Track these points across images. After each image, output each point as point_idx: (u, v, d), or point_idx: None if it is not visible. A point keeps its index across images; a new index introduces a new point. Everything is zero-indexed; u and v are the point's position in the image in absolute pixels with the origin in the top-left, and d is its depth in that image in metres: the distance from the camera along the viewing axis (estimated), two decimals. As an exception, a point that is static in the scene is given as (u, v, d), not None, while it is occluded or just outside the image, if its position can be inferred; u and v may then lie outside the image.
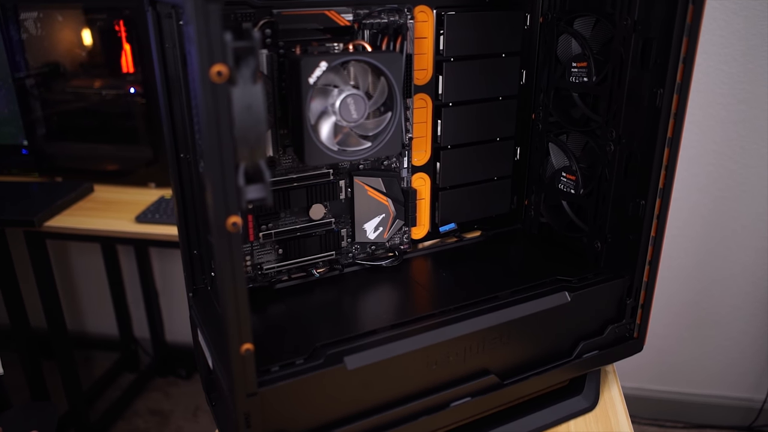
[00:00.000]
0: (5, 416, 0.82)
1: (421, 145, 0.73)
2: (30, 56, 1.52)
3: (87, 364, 2.01)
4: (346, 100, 0.56)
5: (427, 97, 0.71)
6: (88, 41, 1.50)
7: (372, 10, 0.63)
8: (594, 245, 0.73)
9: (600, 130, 0.69)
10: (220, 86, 0.40)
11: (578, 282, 0.69)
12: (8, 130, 1.57)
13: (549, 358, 0.67)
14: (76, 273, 2.02)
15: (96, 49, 1.51)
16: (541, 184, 0.80)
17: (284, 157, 0.64)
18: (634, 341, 0.72)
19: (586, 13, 0.69)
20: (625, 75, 0.64)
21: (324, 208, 0.69)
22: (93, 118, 1.57)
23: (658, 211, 0.65)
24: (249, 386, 0.50)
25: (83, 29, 1.50)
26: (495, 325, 0.62)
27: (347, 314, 0.66)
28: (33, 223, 1.29)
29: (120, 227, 1.30)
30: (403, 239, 0.76)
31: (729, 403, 1.71)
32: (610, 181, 0.69)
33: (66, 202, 1.40)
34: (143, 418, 1.80)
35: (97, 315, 2.06)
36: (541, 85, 0.77)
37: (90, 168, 1.59)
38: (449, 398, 0.61)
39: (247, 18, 0.58)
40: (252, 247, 0.67)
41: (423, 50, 0.69)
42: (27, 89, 1.54)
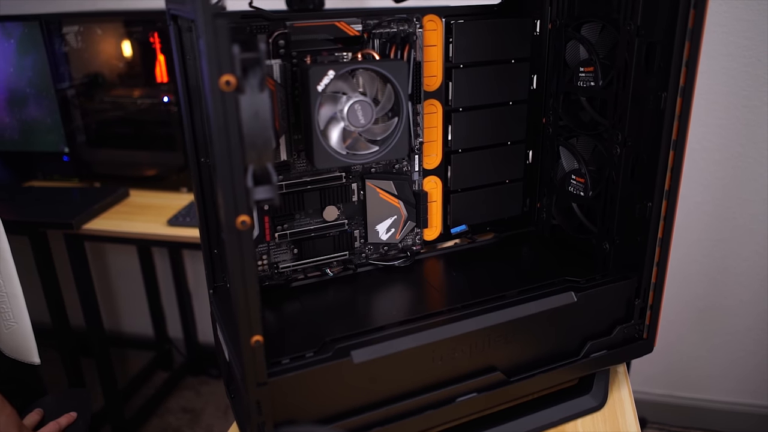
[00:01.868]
0: (43, 401, 0.87)
1: (433, 149, 0.76)
2: (71, 68, 1.60)
3: (123, 362, 2.08)
4: (354, 106, 0.58)
5: (437, 103, 0.73)
6: (127, 53, 1.57)
7: (381, 20, 0.66)
8: (602, 247, 0.74)
9: (607, 133, 0.70)
10: (229, 94, 0.44)
11: (585, 283, 0.70)
12: (51, 138, 1.66)
13: (556, 356, 0.69)
14: (113, 274, 2.10)
15: (133, 60, 1.58)
16: (553, 186, 0.82)
17: (298, 161, 0.68)
18: (643, 342, 0.73)
19: (592, 19, 0.71)
20: (630, 79, 0.66)
21: (337, 210, 0.72)
22: (129, 126, 1.64)
23: (664, 212, 0.66)
24: (259, 376, 0.53)
25: (122, 41, 1.57)
26: (501, 323, 0.64)
27: (358, 311, 0.68)
28: (71, 225, 1.36)
29: (153, 230, 1.36)
30: (416, 240, 0.78)
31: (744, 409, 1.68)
32: (617, 183, 0.70)
33: (103, 206, 1.47)
34: (175, 415, 1.86)
35: (132, 315, 2.14)
36: (551, 90, 0.78)
37: (126, 174, 1.66)
38: (455, 393, 0.63)
39: (261, 30, 0.62)
40: (268, 246, 0.70)
41: (432, 57, 0.71)
42: (68, 99, 1.62)
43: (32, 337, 0.92)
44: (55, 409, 0.85)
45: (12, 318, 0.91)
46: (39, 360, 0.92)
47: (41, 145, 1.67)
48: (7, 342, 0.91)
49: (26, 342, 0.92)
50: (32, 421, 0.80)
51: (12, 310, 0.91)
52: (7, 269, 0.89)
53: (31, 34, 1.56)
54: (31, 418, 0.81)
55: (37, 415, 0.82)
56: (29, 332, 0.91)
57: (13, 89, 1.63)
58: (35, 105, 1.63)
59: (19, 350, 0.92)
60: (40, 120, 1.65)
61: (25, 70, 1.60)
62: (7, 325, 0.91)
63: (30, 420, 0.80)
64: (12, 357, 0.91)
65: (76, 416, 0.83)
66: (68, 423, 0.81)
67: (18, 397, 0.91)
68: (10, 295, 0.90)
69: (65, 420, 0.81)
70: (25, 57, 1.59)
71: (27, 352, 0.92)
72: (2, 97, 1.65)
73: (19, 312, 0.91)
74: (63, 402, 0.88)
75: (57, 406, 0.86)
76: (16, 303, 0.91)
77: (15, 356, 0.91)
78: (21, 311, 0.91)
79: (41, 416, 0.82)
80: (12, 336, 0.91)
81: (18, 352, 0.92)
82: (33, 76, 1.60)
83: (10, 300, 0.91)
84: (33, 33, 1.56)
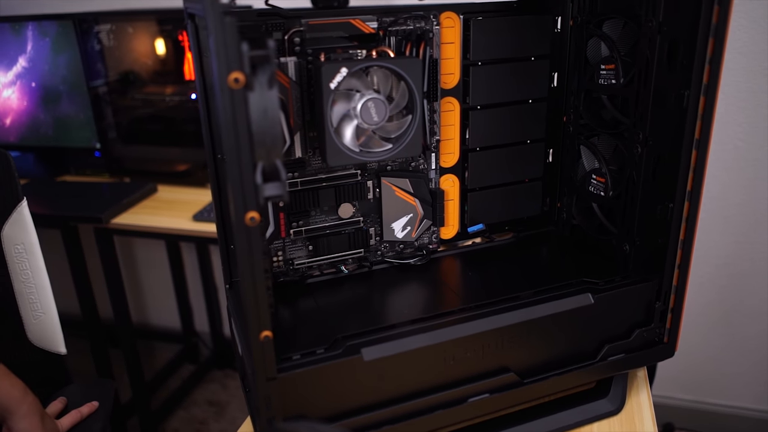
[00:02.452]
0: (67, 390, 0.90)
1: (450, 147, 0.75)
2: (103, 66, 1.64)
3: (150, 354, 2.13)
4: (367, 103, 0.58)
5: (454, 101, 0.73)
6: (157, 51, 1.60)
7: (397, 18, 0.65)
8: (623, 248, 0.72)
9: (628, 132, 0.69)
10: (237, 92, 0.44)
11: (604, 284, 0.69)
12: (83, 134, 1.70)
13: (572, 359, 0.68)
14: (142, 268, 2.14)
15: (162, 58, 1.61)
16: (573, 186, 0.80)
17: (314, 158, 0.68)
18: (663, 346, 0.71)
19: (614, 15, 0.69)
20: (651, 77, 0.64)
21: (352, 207, 0.72)
22: (158, 123, 1.67)
23: (686, 213, 0.65)
24: (269, 371, 0.53)
25: (152, 40, 1.60)
26: (515, 324, 0.63)
27: (371, 309, 0.68)
28: (101, 219, 1.39)
29: (178, 225, 1.39)
30: (432, 239, 0.78)
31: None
32: (638, 183, 0.69)
33: (131, 201, 1.50)
34: (201, 407, 1.89)
35: (161, 308, 2.18)
36: (571, 88, 0.77)
37: (155, 169, 1.69)
38: (467, 394, 0.63)
39: (277, 28, 0.62)
40: (284, 243, 0.71)
41: (450, 55, 0.71)
42: (100, 96, 1.66)
43: (59, 327, 0.94)
44: (79, 398, 0.88)
45: (40, 309, 0.94)
46: (65, 350, 0.95)
47: (74, 140, 1.71)
48: (35, 332, 0.93)
49: (53, 332, 0.95)
50: (55, 410, 0.82)
51: (40, 301, 0.93)
52: (35, 262, 0.92)
53: (65, 33, 1.60)
54: (54, 407, 0.83)
55: (60, 403, 0.84)
56: (56, 323, 0.94)
57: (47, 86, 1.68)
58: (68, 102, 1.68)
59: (47, 340, 0.94)
60: (73, 116, 1.69)
61: (59, 68, 1.65)
62: (35, 315, 0.94)
63: (53, 408, 0.83)
64: (39, 346, 0.93)
65: (98, 405, 0.85)
66: (90, 412, 0.83)
67: (44, 386, 0.94)
68: (38, 286, 0.93)
69: (87, 409, 0.83)
70: (59, 55, 1.63)
71: (54, 341, 0.95)
72: (38, 95, 1.70)
73: (47, 303, 0.94)
74: (87, 391, 0.90)
75: (81, 396, 0.88)
76: (44, 294, 0.93)
77: (42, 346, 0.94)
78: (48, 302, 0.94)
79: (64, 405, 0.85)
80: (40, 326, 0.94)
81: (45, 341, 0.94)
82: (67, 73, 1.64)
83: (38, 291, 0.93)
84: (67, 32, 1.60)
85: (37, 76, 1.68)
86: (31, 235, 0.92)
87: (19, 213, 0.92)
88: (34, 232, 0.92)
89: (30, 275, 0.92)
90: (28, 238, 0.92)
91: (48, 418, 0.77)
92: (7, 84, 1.71)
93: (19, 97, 1.72)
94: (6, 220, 0.91)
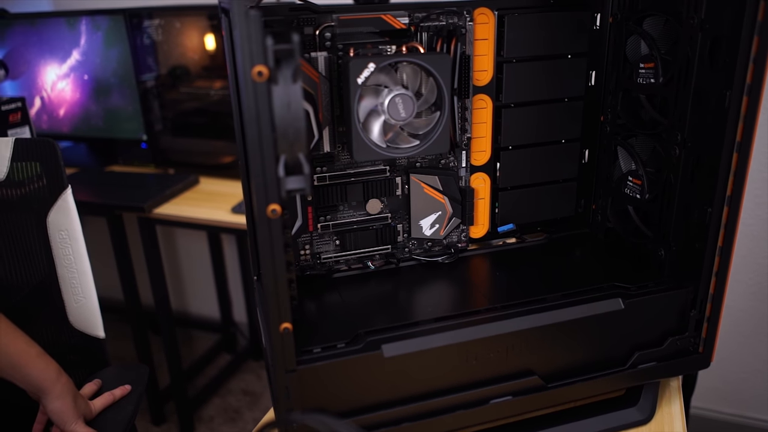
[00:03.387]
0: (103, 373, 0.93)
1: (481, 145, 0.74)
2: (151, 60, 1.68)
3: (189, 342, 2.18)
4: (395, 99, 0.58)
5: (487, 98, 0.72)
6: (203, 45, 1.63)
7: (430, 13, 0.65)
8: (658, 253, 0.70)
9: (666, 133, 0.67)
10: (260, 85, 0.45)
11: (636, 289, 0.67)
12: (131, 126, 1.75)
13: (600, 365, 0.66)
14: (184, 258, 2.20)
15: (208, 52, 1.64)
16: (609, 187, 0.78)
17: (342, 153, 0.68)
18: (698, 356, 0.69)
19: (655, 12, 0.67)
20: (692, 76, 0.62)
21: (380, 203, 0.72)
22: (203, 116, 1.71)
23: (725, 219, 0.62)
24: (288, 363, 0.54)
25: (200, 34, 1.63)
26: (540, 326, 0.62)
27: (396, 305, 0.68)
28: (143, 209, 1.44)
29: (217, 216, 1.41)
30: (461, 237, 0.77)
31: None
32: (675, 186, 0.66)
33: (174, 191, 1.54)
34: (236, 396, 1.92)
35: (201, 298, 2.23)
36: (609, 87, 0.75)
37: (199, 161, 1.73)
38: (489, 395, 0.62)
39: (309, 22, 0.62)
40: (311, 237, 0.71)
41: (483, 52, 0.70)
42: (148, 89, 1.71)
43: (98, 312, 0.97)
44: (114, 380, 0.90)
45: (81, 293, 0.97)
46: (104, 334, 0.98)
47: (122, 132, 1.77)
48: (76, 315, 0.97)
49: (93, 316, 0.98)
50: (89, 391, 0.85)
51: (81, 286, 0.97)
52: (78, 248, 0.95)
53: (117, 28, 1.65)
54: (89, 388, 0.86)
55: (94, 385, 0.87)
56: (96, 307, 0.97)
57: (99, 79, 1.74)
58: (118, 94, 1.73)
59: (87, 324, 0.98)
60: (122, 108, 1.74)
61: (110, 61, 1.70)
62: (76, 299, 0.97)
63: (87, 389, 0.85)
64: (79, 330, 0.97)
65: (130, 389, 0.87)
66: (122, 395, 0.86)
67: (82, 368, 0.97)
68: (80, 272, 0.96)
69: (120, 392, 0.86)
70: (110, 49, 1.69)
71: (93, 325, 0.98)
72: (89, 87, 1.76)
73: (88, 288, 0.97)
74: (122, 374, 0.93)
75: (116, 378, 0.91)
76: (86, 280, 0.97)
77: (82, 329, 0.97)
78: (89, 287, 0.97)
79: (99, 386, 0.87)
80: (80, 310, 0.97)
81: (85, 325, 0.98)
82: (117, 67, 1.70)
83: (80, 277, 0.96)
84: (118, 26, 1.65)
85: (89, 69, 1.74)
86: (75, 222, 0.95)
87: (64, 200, 0.95)
88: (77, 219, 0.95)
89: (72, 261, 0.96)
90: (72, 224, 0.95)
91: (81, 399, 0.80)
92: (62, 76, 1.78)
93: (72, 89, 1.79)
94: (51, 206, 0.94)
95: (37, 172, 0.95)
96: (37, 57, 1.79)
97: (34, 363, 0.75)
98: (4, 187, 0.94)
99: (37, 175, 0.95)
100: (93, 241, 1.00)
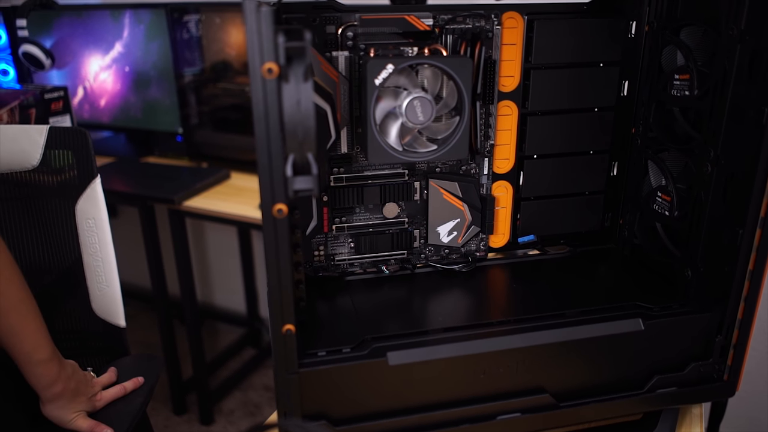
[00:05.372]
0: (120, 362, 0.94)
1: (505, 152, 0.72)
2: (190, 54, 1.71)
3: (215, 335, 2.20)
4: (413, 102, 0.57)
5: (513, 105, 0.70)
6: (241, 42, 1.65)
7: (456, 15, 0.63)
8: (684, 273, 0.67)
9: (698, 149, 0.64)
10: (270, 82, 0.44)
11: (659, 310, 0.64)
12: (168, 118, 1.78)
13: (616, 386, 0.63)
14: (213, 251, 2.22)
15: (245, 49, 1.66)
16: (637, 202, 0.75)
17: (361, 155, 0.67)
18: (723, 384, 0.65)
19: (694, 22, 0.64)
20: (729, 89, 0.59)
21: (398, 208, 0.71)
22: (238, 112, 1.72)
23: (758, 242, 0.59)
24: (290, 364, 0.53)
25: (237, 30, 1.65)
26: (554, 343, 0.60)
27: (407, 313, 0.67)
28: (173, 201, 1.46)
29: (244, 212, 1.42)
30: (480, 246, 0.75)
31: None
32: (705, 204, 0.63)
33: (204, 185, 1.56)
34: (257, 392, 1.93)
35: (228, 292, 2.25)
36: (642, 98, 0.72)
37: (232, 156, 1.75)
38: (496, 411, 0.60)
39: (331, 21, 0.62)
40: (326, 237, 0.70)
41: (511, 57, 0.68)
42: (186, 83, 1.73)
43: (120, 301, 0.99)
44: (129, 370, 0.91)
45: (104, 281, 0.98)
46: (125, 323, 0.99)
47: (159, 124, 1.80)
48: (99, 303, 0.98)
49: (115, 305, 0.99)
50: (107, 380, 0.86)
51: (105, 274, 0.98)
52: (104, 237, 0.97)
53: (158, 21, 1.68)
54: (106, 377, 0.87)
55: (113, 375, 0.88)
56: (118, 296, 0.99)
57: (139, 71, 1.77)
58: (157, 87, 1.76)
59: (108, 312, 0.99)
60: (160, 101, 1.77)
61: (150, 54, 1.73)
62: (99, 287, 0.99)
63: (104, 379, 0.86)
64: (101, 317, 0.98)
65: (143, 381, 0.88)
66: (134, 387, 0.86)
67: (102, 354, 0.99)
68: (104, 260, 0.98)
69: (131, 384, 0.86)
70: (151, 42, 1.72)
71: (115, 314, 1.00)
72: (130, 79, 1.79)
73: (111, 276, 0.99)
74: (136, 365, 0.94)
75: (129, 368, 0.92)
76: (109, 269, 0.98)
77: (104, 317, 0.99)
78: (113, 276, 0.99)
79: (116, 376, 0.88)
80: (103, 298, 0.98)
81: (107, 313, 0.99)
82: (157, 60, 1.73)
83: (104, 265, 0.98)
84: (160, 20, 1.68)
85: (130, 61, 1.77)
86: (102, 211, 0.97)
87: (92, 189, 0.97)
88: (104, 209, 0.97)
89: (98, 249, 0.97)
90: (99, 213, 0.97)
91: (90, 387, 0.80)
92: (105, 67, 1.82)
93: (113, 80, 1.83)
94: (81, 194, 0.96)
95: (69, 160, 0.97)
96: (82, 48, 1.83)
97: (32, 370, 0.74)
98: (38, 173, 0.96)
99: (69, 164, 0.97)
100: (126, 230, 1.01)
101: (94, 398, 0.81)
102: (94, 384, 0.83)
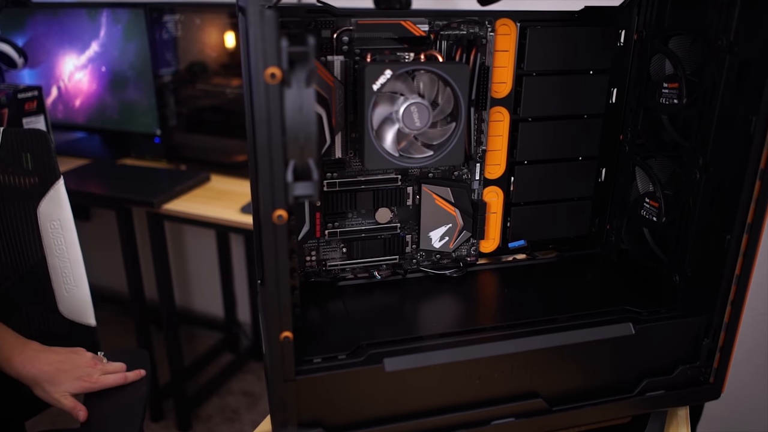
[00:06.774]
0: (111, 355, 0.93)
1: (496, 158, 0.73)
2: (168, 55, 1.68)
3: (192, 339, 2.17)
4: (410, 108, 0.57)
5: (504, 111, 0.70)
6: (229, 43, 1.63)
7: (451, 22, 0.64)
8: (672, 278, 0.68)
9: (687, 156, 0.65)
10: (273, 87, 0.43)
11: (648, 315, 0.65)
12: (145, 120, 1.75)
13: (607, 390, 0.64)
14: (191, 255, 2.19)
15: (226, 50, 1.64)
16: (625, 208, 0.76)
17: (354, 160, 0.67)
18: (709, 386, 0.67)
19: (683, 31, 0.65)
20: (717, 98, 0.60)
21: (390, 213, 0.71)
22: (217, 114, 1.71)
23: (744, 247, 0.60)
24: (287, 372, 0.53)
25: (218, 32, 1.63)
26: (547, 348, 0.61)
27: (401, 318, 0.67)
28: (152, 204, 1.43)
29: (225, 215, 1.41)
30: (471, 251, 0.76)
31: None
32: (693, 211, 0.64)
33: (184, 188, 1.54)
34: (236, 397, 1.91)
35: (206, 296, 2.22)
36: (630, 105, 0.73)
37: (211, 159, 1.73)
38: (490, 416, 0.60)
39: (326, 25, 0.61)
40: (318, 243, 0.70)
41: (503, 63, 0.68)
42: (164, 84, 1.71)
43: (90, 300, 0.97)
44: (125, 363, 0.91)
45: (72, 282, 0.96)
46: (95, 322, 0.98)
47: (136, 125, 1.77)
48: (67, 304, 0.97)
49: (84, 305, 0.98)
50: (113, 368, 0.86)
51: (73, 274, 0.96)
52: (70, 237, 0.95)
53: (136, 21, 1.65)
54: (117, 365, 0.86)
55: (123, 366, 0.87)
56: (87, 296, 0.97)
57: (116, 72, 1.74)
58: (134, 88, 1.73)
59: (78, 312, 0.98)
60: (137, 102, 1.74)
61: (127, 54, 1.70)
62: (67, 288, 0.97)
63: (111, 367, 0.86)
64: (70, 318, 0.97)
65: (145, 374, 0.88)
66: (135, 378, 0.86)
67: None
68: (71, 261, 0.96)
69: (133, 375, 0.86)
70: (129, 42, 1.69)
71: (84, 314, 0.98)
72: (106, 79, 1.76)
73: (79, 276, 0.97)
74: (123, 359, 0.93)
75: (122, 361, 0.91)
76: (77, 268, 0.96)
77: (73, 318, 0.97)
78: (81, 276, 0.97)
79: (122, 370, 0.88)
80: (72, 299, 0.97)
81: (77, 313, 0.97)
82: (134, 60, 1.70)
83: (71, 266, 0.96)
84: (138, 20, 1.65)
85: (107, 61, 1.74)
86: (67, 212, 0.95)
87: (56, 190, 0.94)
88: (69, 209, 0.94)
89: (65, 250, 0.95)
90: (64, 214, 0.94)
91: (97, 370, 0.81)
92: (80, 67, 1.79)
93: (89, 80, 1.79)
94: (43, 196, 0.94)
95: (28, 162, 0.94)
96: (56, 47, 1.80)
97: None
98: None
99: (27, 166, 0.94)
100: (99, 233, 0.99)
101: (88, 379, 0.83)
102: (92, 366, 0.84)
